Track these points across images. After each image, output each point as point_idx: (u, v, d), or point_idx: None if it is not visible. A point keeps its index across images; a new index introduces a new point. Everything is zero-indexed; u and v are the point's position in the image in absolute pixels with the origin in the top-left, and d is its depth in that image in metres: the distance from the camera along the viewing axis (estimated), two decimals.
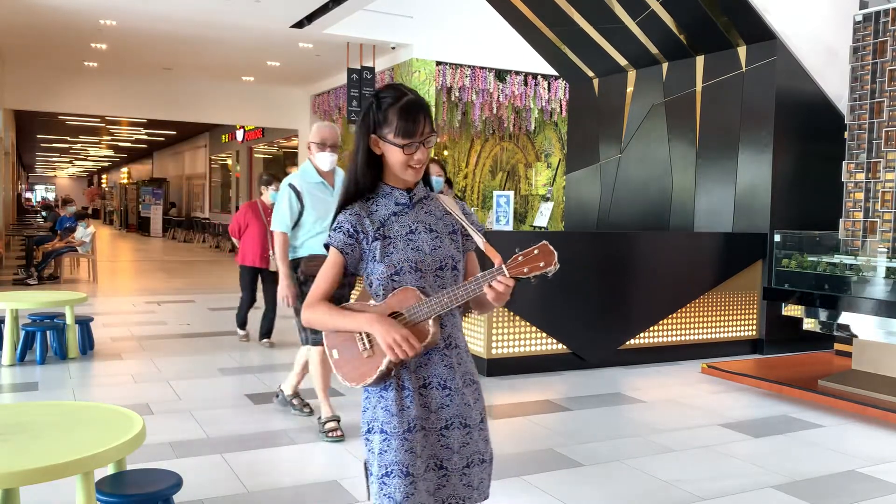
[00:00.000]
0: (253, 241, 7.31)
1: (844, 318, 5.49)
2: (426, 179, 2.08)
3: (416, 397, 1.96)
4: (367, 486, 2.05)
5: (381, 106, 1.95)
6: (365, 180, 2.00)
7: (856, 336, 5.53)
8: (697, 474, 4.00)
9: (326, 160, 4.49)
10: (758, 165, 7.29)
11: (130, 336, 7.57)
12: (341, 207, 2.01)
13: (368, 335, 1.93)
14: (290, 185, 4.48)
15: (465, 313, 2.14)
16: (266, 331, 7.34)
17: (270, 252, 7.12)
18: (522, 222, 16.32)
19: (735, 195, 7.49)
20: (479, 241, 2.01)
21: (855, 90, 5.69)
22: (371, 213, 1.99)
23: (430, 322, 1.89)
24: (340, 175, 4.60)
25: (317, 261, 4.33)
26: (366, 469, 2.04)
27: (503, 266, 1.84)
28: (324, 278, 2.00)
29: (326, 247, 2.01)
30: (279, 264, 4.51)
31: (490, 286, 1.84)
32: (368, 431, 2.01)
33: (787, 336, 7.25)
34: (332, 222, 2.02)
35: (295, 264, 4.55)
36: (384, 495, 1.95)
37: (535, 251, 1.82)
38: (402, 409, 1.95)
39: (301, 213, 4.46)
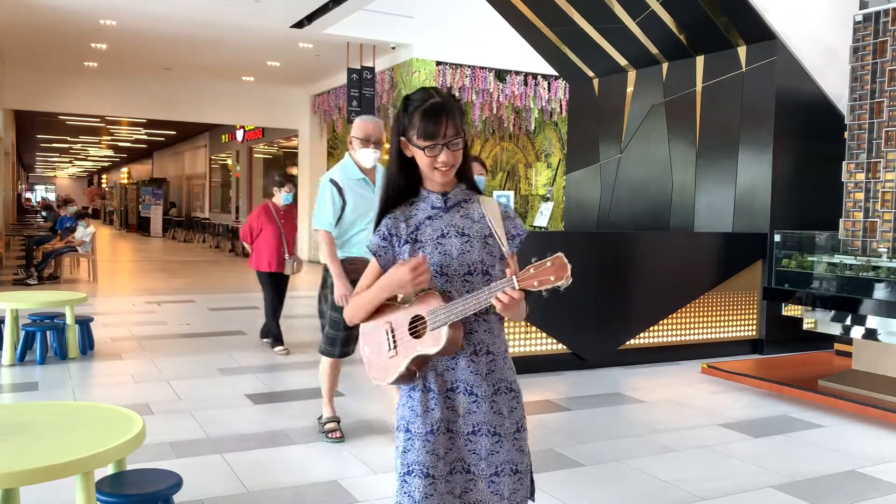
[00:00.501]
0: (267, 245, 6.94)
1: (844, 318, 5.49)
2: (470, 182, 2.06)
3: (442, 400, 1.97)
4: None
5: (408, 109, 1.97)
6: (400, 183, 2.02)
7: (857, 335, 5.53)
8: (697, 474, 4.00)
9: (369, 157, 4.26)
10: (758, 165, 7.29)
11: (130, 336, 7.57)
12: (382, 212, 2.04)
13: (394, 334, 1.96)
14: (332, 181, 4.24)
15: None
16: (268, 331, 7.15)
17: (286, 255, 6.98)
18: (523, 222, 16.31)
19: (735, 195, 7.49)
20: (505, 249, 1.99)
21: (855, 90, 5.70)
22: (409, 218, 2.02)
23: (445, 328, 1.88)
24: (381, 172, 4.33)
25: (357, 264, 4.15)
26: None
27: (514, 277, 1.83)
28: (364, 280, 2.06)
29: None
30: (330, 264, 4.24)
31: (497, 297, 1.84)
32: (397, 429, 2.04)
33: (787, 336, 7.25)
34: (375, 227, 2.05)
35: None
36: (404, 493, 1.96)
37: (548, 263, 1.81)
38: (426, 410, 1.96)
39: (343, 210, 4.23)
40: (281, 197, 7.16)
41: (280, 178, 7.29)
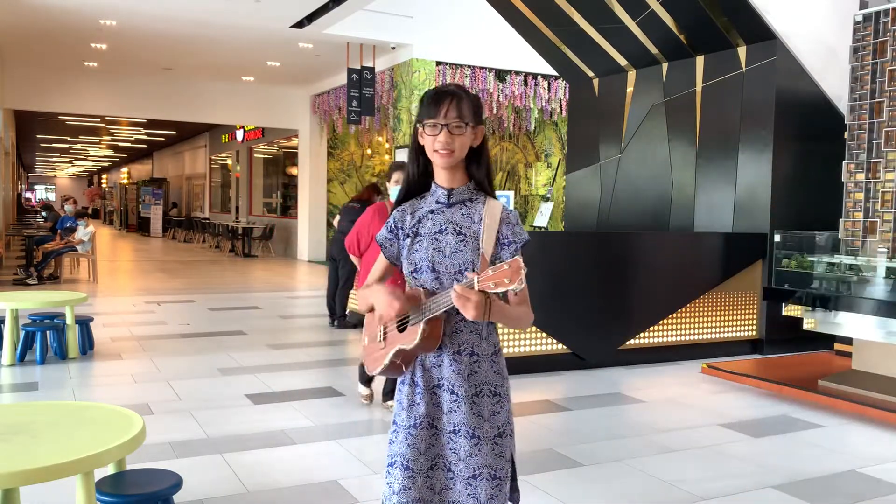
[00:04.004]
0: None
1: (844, 318, 5.49)
2: (481, 182, 2.04)
3: (427, 396, 1.99)
4: None
5: (423, 99, 2.02)
6: (416, 176, 2.06)
7: (857, 335, 5.53)
8: (697, 474, 4.00)
9: None
10: (758, 165, 7.29)
11: (130, 336, 7.57)
12: (397, 203, 2.09)
13: (385, 329, 2.01)
14: None
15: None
16: (391, 389, 4.97)
17: None
18: (522, 222, 16.32)
19: (735, 195, 7.49)
20: (482, 249, 1.97)
21: (855, 90, 5.69)
22: (415, 210, 2.05)
23: (421, 324, 1.90)
24: None
25: None
26: None
27: (474, 279, 1.83)
28: (374, 268, 2.15)
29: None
30: None
31: (454, 295, 1.83)
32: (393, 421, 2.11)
33: (787, 336, 7.25)
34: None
35: None
36: (387, 483, 2.03)
37: (505, 266, 1.80)
38: (412, 404, 2.01)
39: None
40: (391, 190, 5.02)
41: (397, 163, 5.17)
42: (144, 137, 27.60)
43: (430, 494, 1.98)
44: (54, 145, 32.21)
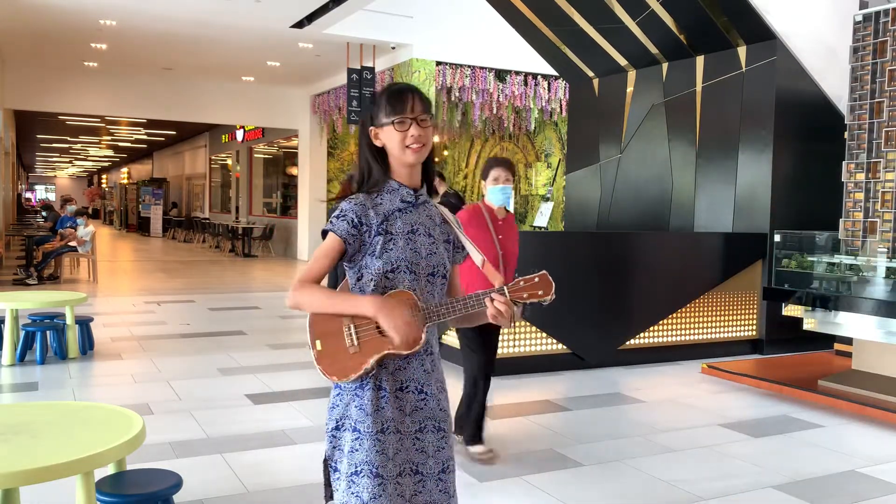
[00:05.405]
0: (477, 276, 3.59)
1: (844, 318, 5.49)
2: (430, 184, 2.08)
3: (392, 399, 1.95)
4: (325, 482, 2.01)
5: (375, 98, 1.98)
6: (375, 175, 1.98)
7: (857, 335, 5.53)
8: (697, 474, 4.00)
9: None
10: (758, 165, 7.29)
11: (130, 336, 7.57)
12: (342, 199, 2.00)
13: (357, 330, 1.89)
14: None
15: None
16: (473, 432, 4.18)
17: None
18: (522, 222, 16.33)
19: (735, 195, 7.49)
20: (478, 259, 2.03)
21: (855, 90, 5.69)
22: (376, 206, 1.96)
23: (424, 330, 1.91)
24: None
25: None
26: (326, 465, 2.00)
27: (505, 287, 1.88)
28: (320, 264, 1.93)
29: (324, 233, 1.95)
30: None
31: (494, 306, 1.88)
32: (337, 428, 1.96)
33: (787, 336, 7.25)
34: (335, 210, 1.98)
35: None
36: (352, 493, 1.91)
37: (536, 279, 1.87)
38: (377, 409, 1.92)
39: None
40: (488, 191, 4.16)
41: (497, 160, 4.21)
42: (144, 137, 27.60)
43: (400, 501, 1.93)
44: (54, 145, 32.20)
